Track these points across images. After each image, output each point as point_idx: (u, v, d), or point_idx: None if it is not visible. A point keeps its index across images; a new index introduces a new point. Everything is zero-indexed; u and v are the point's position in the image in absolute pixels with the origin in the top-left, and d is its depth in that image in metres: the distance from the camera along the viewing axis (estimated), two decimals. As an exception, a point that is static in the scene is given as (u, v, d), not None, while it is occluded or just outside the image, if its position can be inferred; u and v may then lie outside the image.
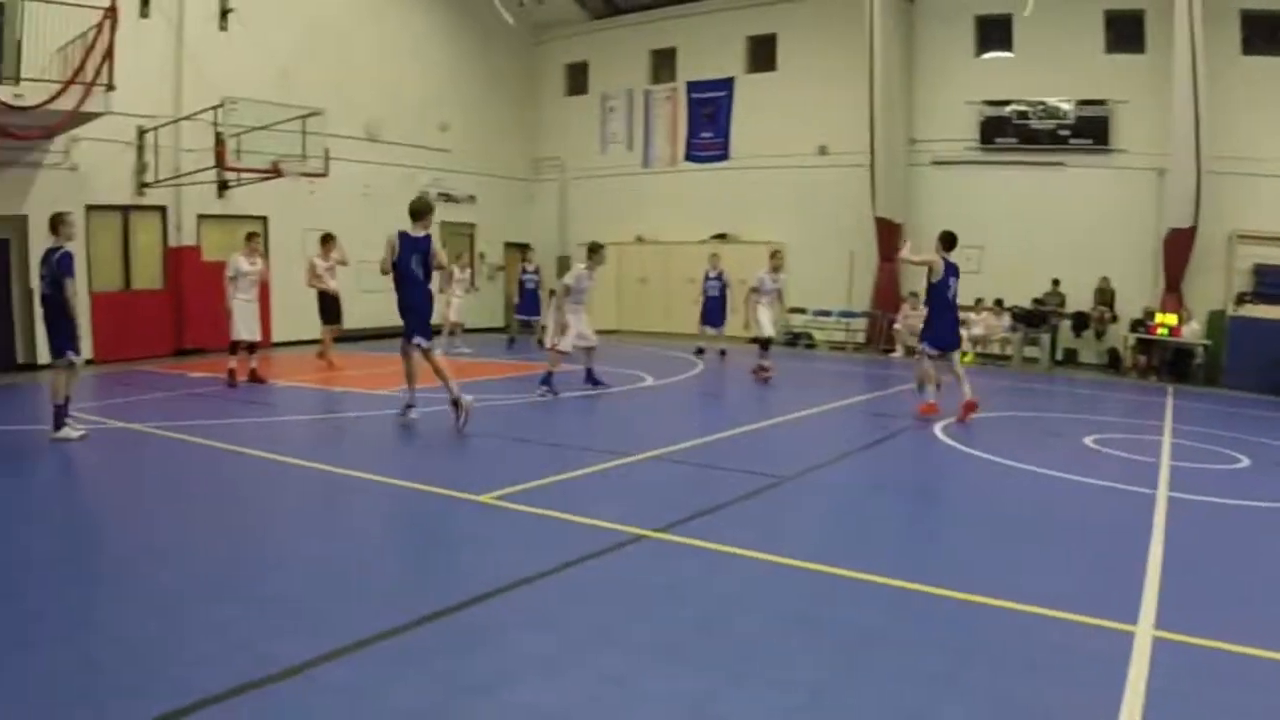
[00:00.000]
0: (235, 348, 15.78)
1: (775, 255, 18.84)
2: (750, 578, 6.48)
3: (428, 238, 12.09)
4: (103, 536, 7.38)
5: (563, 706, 4.48)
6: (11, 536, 7.11)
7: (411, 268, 11.84)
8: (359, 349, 20.73)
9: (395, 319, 12.29)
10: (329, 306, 18.35)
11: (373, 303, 20.44)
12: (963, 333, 22.63)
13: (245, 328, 15.70)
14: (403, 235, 11.84)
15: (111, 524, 7.82)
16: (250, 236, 16.43)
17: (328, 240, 18.40)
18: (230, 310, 15.56)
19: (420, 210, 12.15)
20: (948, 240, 13.52)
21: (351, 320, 21.16)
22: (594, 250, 15.29)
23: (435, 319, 13.30)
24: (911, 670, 4.93)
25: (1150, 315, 20.78)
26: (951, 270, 13.44)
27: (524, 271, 22.79)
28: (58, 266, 11.05)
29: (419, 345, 12.03)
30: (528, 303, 23.18)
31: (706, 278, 20.98)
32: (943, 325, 13.73)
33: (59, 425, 10.93)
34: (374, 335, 21.51)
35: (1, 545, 6.84)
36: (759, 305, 18.38)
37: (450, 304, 21.64)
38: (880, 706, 4.57)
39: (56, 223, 11.38)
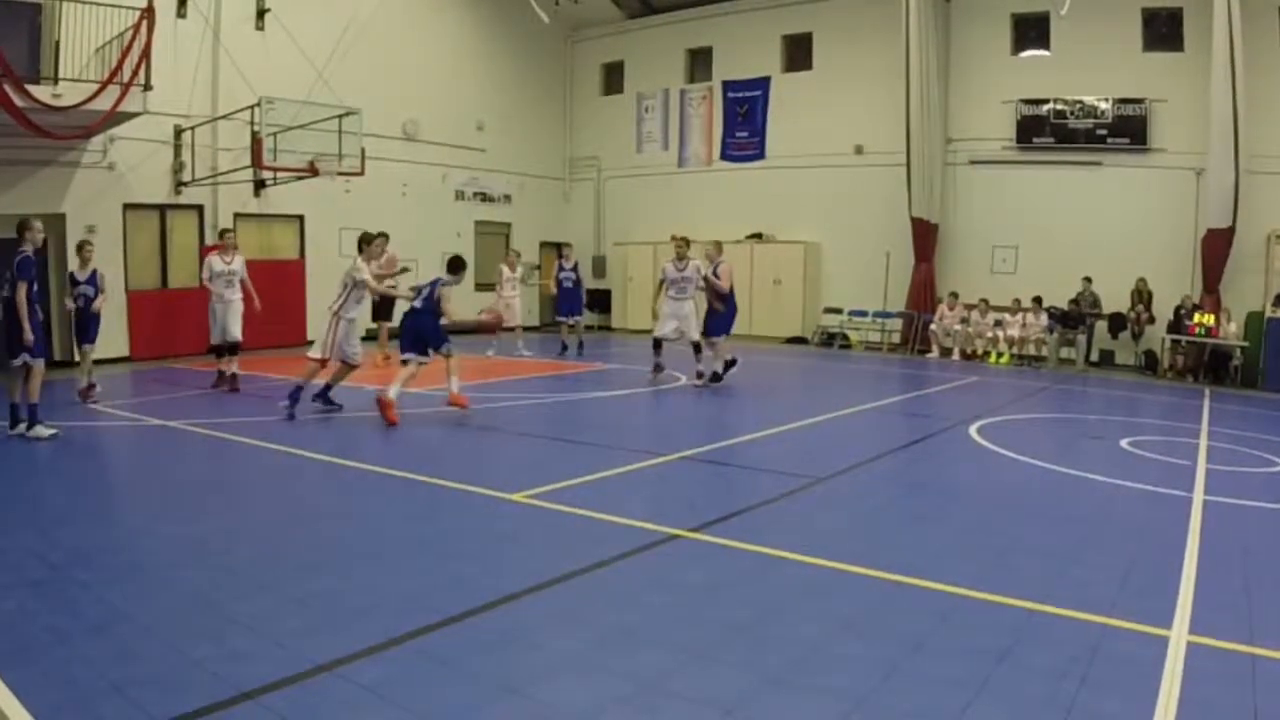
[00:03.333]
0: (218, 351, 15.75)
1: (678, 242, 17.95)
2: (785, 580, 6.46)
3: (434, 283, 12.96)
4: (137, 532, 7.44)
5: (594, 707, 4.48)
6: (47, 531, 7.19)
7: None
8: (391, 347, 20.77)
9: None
10: (385, 304, 18.46)
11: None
12: (998, 333, 22.67)
13: (219, 330, 15.57)
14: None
15: (146, 520, 7.87)
16: (223, 234, 16.49)
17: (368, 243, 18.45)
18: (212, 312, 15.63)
19: (456, 267, 13.35)
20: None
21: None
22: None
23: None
24: (948, 677, 4.89)
25: (1188, 314, 20.49)
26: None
27: (561, 269, 22.33)
28: (17, 270, 11.07)
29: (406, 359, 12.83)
30: (568, 300, 22.31)
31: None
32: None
33: (32, 424, 11.02)
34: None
35: (38, 539, 6.91)
36: (666, 299, 17.29)
37: (509, 306, 20.62)
38: (921, 714, 4.54)
39: (22, 228, 11.33)
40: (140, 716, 4.23)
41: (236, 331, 15.54)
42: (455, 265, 13.37)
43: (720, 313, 17.05)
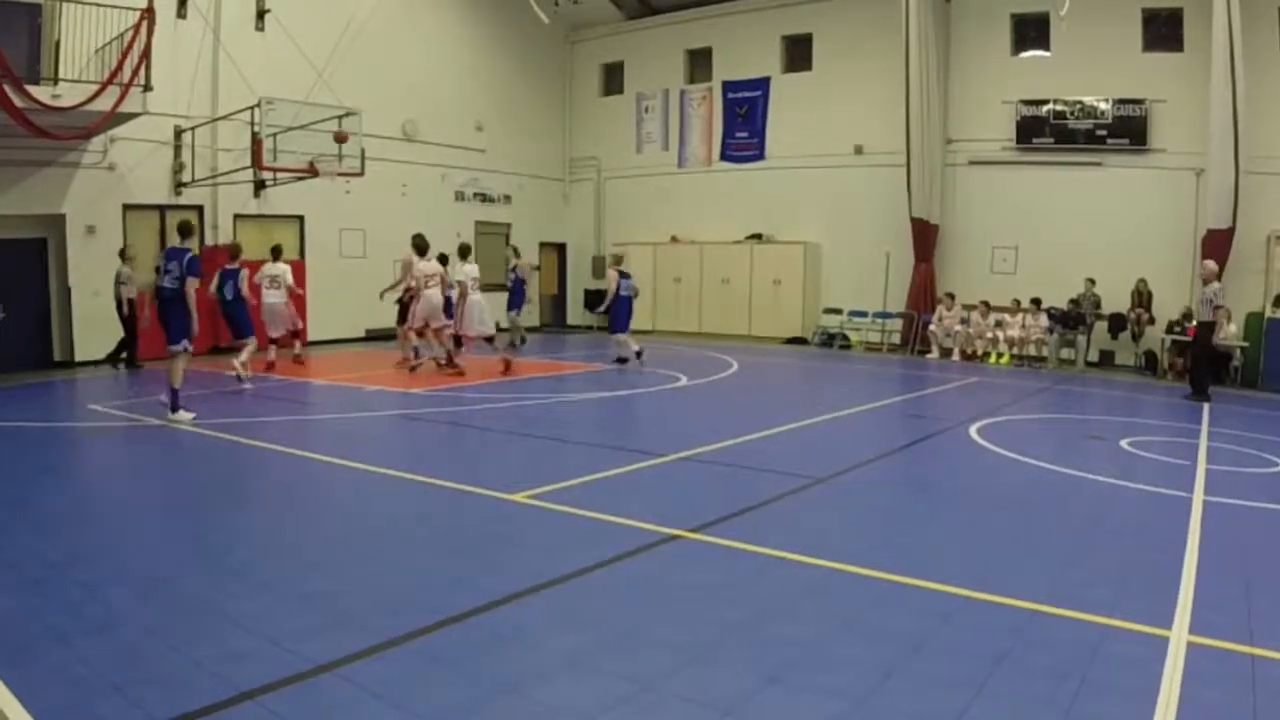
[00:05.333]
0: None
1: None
2: (785, 580, 6.47)
3: None
4: (138, 532, 7.44)
5: (594, 707, 4.48)
6: (47, 531, 7.19)
7: None
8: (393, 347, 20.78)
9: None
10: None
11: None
12: (998, 334, 22.68)
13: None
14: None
15: (146, 520, 7.87)
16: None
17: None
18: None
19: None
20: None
21: (383, 320, 21.29)
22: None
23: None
24: (948, 677, 4.89)
25: (1188, 316, 20.56)
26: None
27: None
28: (186, 268, 12.26)
29: None
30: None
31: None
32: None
33: (175, 408, 12.20)
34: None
35: (38, 539, 6.92)
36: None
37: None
38: (920, 715, 4.55)
39: (187, 229, 12.79)
40: (140, 717, 4.24)
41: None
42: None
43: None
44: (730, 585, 6.31)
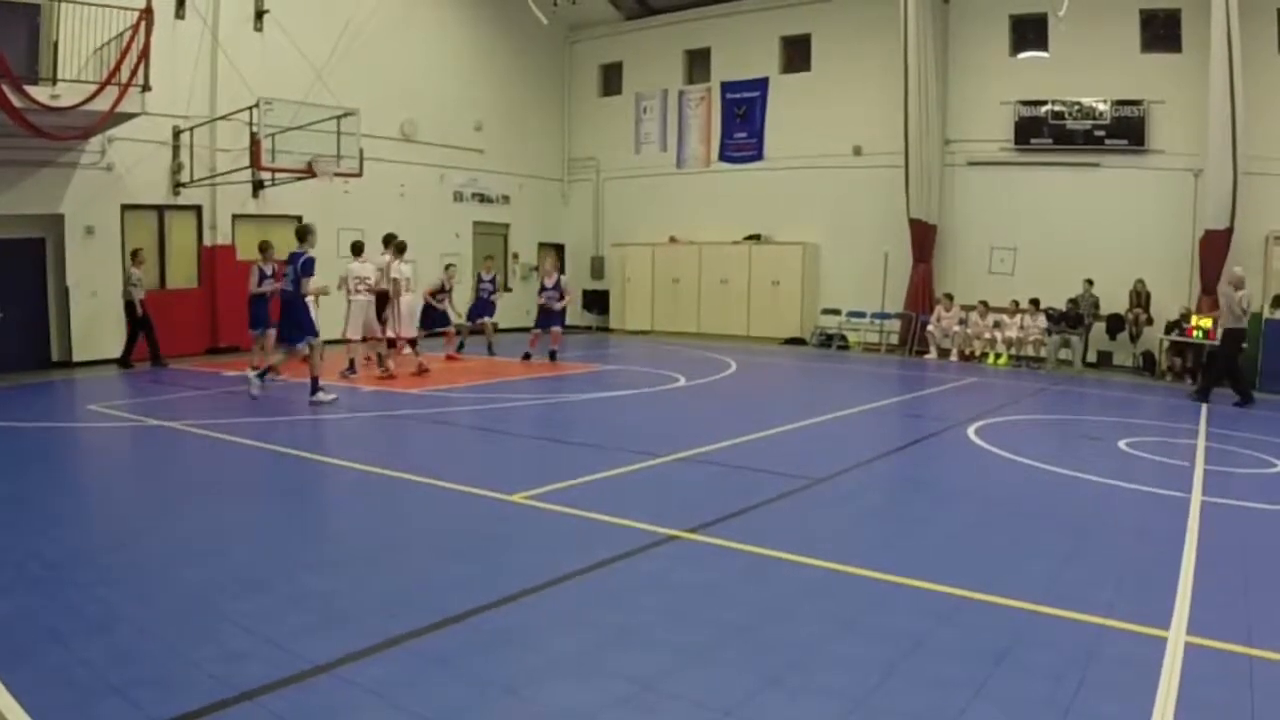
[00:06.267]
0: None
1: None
2: (784, 580, 6.47)
3: None
4: (136, 532, 7.43)
5: (593, 707, 4.49)
6: (47, 531, 7.20)
7: None
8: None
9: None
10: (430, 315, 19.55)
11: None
12: (996, 334, 22.68)
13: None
14: None
15: (145, 520, 7.87)
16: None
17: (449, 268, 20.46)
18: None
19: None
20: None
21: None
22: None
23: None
24: (947, 677, 4.90)
25: (1186, 317, 20.58)
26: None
27: (480, 279, 21.99)
28: (300, 269, 13.44)
29: None
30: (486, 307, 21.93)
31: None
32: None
33: (314, 390, 13.64)
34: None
35: (37, 540, 6.92)
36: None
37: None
38: (920, 715, 4.55)
39: (305, 233, 13.90)
40: (139, 717, 4.24)
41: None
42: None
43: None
44: (729, 585, 6.32)
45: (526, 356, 19.50)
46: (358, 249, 17.70)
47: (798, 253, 26.54)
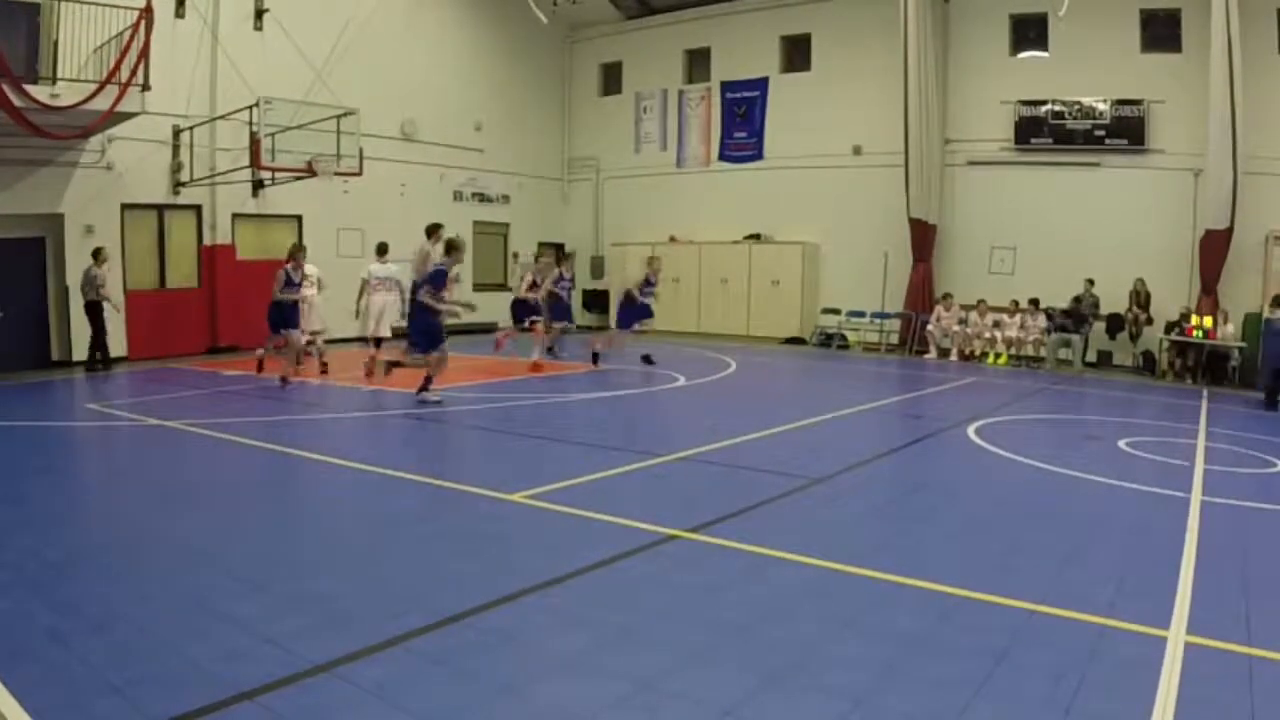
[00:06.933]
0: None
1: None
2: (784, 580, 6.46)
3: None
4: (137, 532, 7.42)
5: (591, 708, 4.49)
6: (47, 531, 7.19)
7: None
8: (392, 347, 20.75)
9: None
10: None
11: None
12: (995, 334, 22.69)
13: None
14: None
15: (144, 520, 7.85)
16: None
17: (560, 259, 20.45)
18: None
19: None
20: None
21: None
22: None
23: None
24: (947, 677, 4.89)
25: (1186, 317, 20.61)
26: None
27: (561, 278, 21.00)
28: (429, 279, 13.89)
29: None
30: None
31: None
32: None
33: (422, 389, 13.87)
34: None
35: (36, 539, 6.92)
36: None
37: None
38: (920, 715, 4.55)
39: (451, 246, 14.25)
40: (139, 716, 4.24)
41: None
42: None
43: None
44: (729, 585, 6.31)
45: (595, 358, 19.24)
46: (382, 249, 17.78)
47: (798, 252, 26.53)
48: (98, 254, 17.73)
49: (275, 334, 16.33)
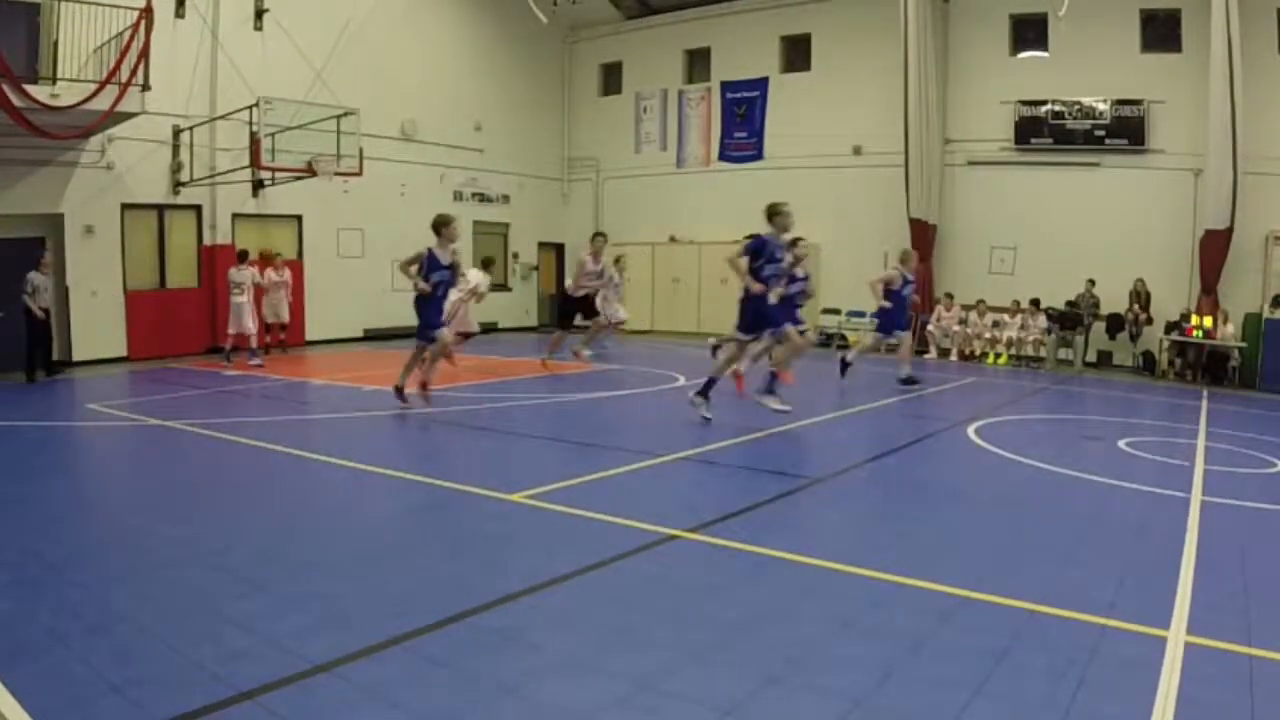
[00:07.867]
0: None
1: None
2: (784, 580, 6.46)
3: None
4: (137, 532, 7.41)
5: (592, 707, 4.48)
6: (47, 531, 7.19)
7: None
8: (391, 347, 20.77)
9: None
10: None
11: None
12: (996, 334, 22.70)
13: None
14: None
15: (145, 520, 7.84)
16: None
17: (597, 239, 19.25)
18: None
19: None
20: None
21: (381, 319, 21.31)
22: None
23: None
24: (947, 677, 4.89)
25: (1186, 317, 20.62)
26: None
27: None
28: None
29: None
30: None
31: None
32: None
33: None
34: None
35: (37, 540, 6.91)
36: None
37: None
38: (920, 715, 4.55)
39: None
40: (139, 717, 4.24)
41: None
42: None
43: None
44: (729, 585, 6.31)
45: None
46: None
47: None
48: (40, 260, 16.61)
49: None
